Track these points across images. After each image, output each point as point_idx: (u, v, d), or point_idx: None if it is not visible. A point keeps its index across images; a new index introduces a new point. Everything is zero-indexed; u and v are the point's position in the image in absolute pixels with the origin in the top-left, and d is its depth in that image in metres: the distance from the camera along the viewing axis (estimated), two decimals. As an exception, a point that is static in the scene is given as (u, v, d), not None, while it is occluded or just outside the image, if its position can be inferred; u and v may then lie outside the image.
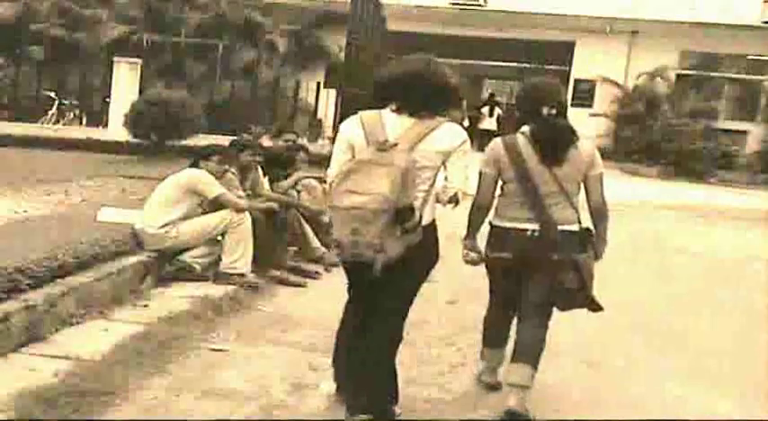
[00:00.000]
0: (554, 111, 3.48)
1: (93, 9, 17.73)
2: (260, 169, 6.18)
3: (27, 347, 3.77)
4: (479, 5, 18.83)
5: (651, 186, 15.25)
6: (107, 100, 15.03)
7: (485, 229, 3.65)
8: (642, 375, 4.19)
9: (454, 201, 3.19)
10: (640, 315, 5.43)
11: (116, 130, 12.91)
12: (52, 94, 15.77)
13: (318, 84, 17.21)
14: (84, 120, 15.98)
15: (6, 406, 3.10)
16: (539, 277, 3.50)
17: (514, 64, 27.71)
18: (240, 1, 17.88)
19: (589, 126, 17.31)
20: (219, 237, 5.44)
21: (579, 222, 3.52)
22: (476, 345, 4.35)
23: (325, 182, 6.98)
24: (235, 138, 6.96)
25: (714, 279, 7.10)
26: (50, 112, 15.53)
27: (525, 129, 3.52)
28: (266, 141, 6.98)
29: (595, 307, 3.58)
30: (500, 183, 3.58)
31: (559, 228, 3.44)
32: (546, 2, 18.35)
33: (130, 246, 5.13)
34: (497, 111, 22.71)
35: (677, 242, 8.87)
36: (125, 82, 14.24)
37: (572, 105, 4.11)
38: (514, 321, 3.74)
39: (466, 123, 20.00)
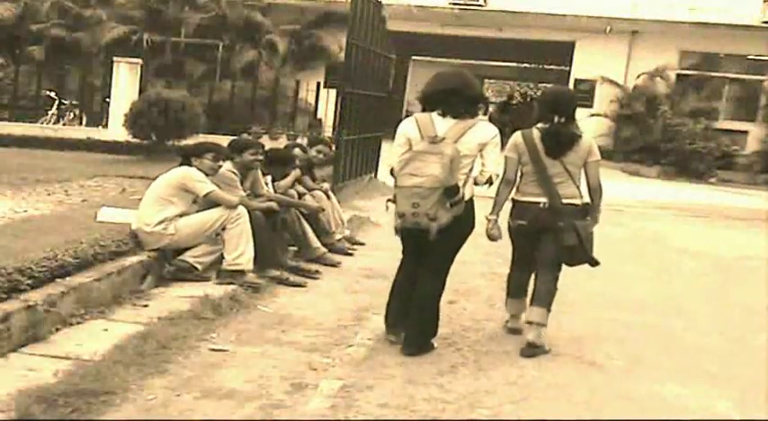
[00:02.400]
0: (563, 120, 4.35)
1: (93, 9, 17.71)
2: (259, 169, 6.18)
3: (27, 347, 3.77)
4: (479, 5, 18.81)
5: (651, 186, 15.26)
6: (107, 100, 15.00)
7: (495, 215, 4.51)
8: (642, 374, 4.19)
9: (490, 181, 4.15)
10: (640, 314, 5.44)
11: (116, 130, 12.90)
12: (52, 94, 15.73)
13: (318, 84, 17.20)
14: (84, 121, 15.93)
15: (6, 406, 3.10)
16: (550, 238, 4.38)
17: (514, 64, 27.76)
18: (240, 1, 17.87)
19: (589, 126, 17.32)
20: (221, 232, 5.41)
21: (581, 197, 4.42)
22: (475, 345, 4.39)
23: (323, 186, 7.12)
24: (234, 137, 6.96)
25: (714, 278, 7.11)
26: (50, 112, 15.49)
27: (540, 125, 4.41)
28: (302, 151, 7.10)
29: (593, 262, 4.41)
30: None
31: (566, 201, 4.33)
32: (546, 2, 18.34)
33: (130, 246, 5.13)
34: (491, 109, 22.98)
35: (677, 242, 8.87)
36: (125, 82, 14.22)
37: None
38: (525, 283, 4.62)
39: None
